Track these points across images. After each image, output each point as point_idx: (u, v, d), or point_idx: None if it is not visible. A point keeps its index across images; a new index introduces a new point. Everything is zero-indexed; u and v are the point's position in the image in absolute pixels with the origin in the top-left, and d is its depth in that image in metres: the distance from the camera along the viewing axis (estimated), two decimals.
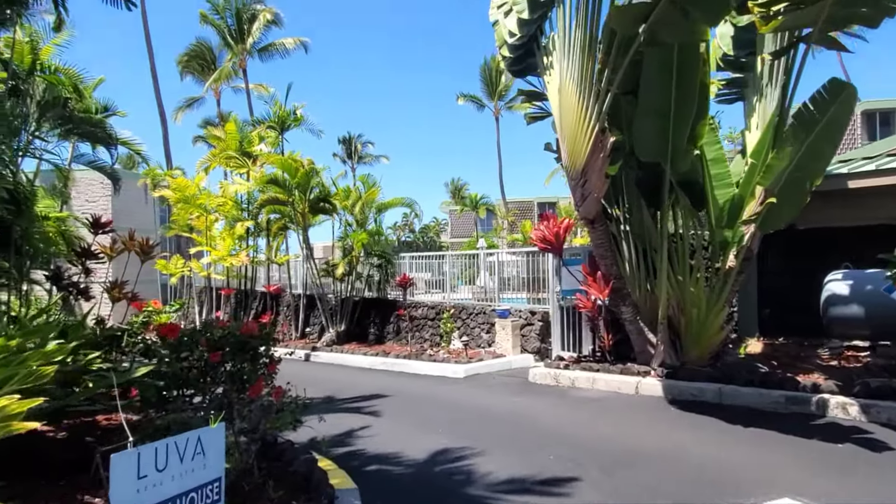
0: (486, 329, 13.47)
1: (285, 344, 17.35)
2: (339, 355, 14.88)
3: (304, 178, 15.59)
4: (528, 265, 13.40)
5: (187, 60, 37.63)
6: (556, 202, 42.68)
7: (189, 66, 37.67)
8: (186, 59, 37.61)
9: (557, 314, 12.28)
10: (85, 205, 29.36)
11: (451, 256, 15.23)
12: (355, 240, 15.90)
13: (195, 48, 37.20)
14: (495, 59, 37.54)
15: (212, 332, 5.77)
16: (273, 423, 4.58)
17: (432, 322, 14.91)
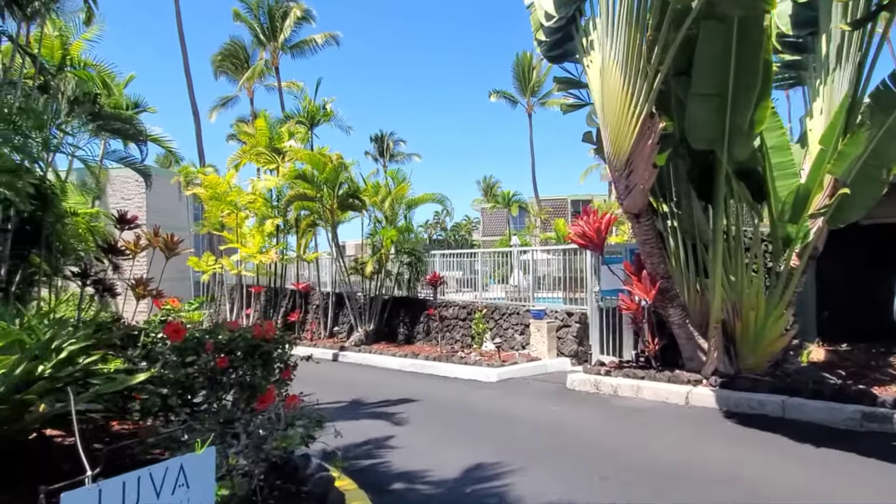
0: (520, 330, 12.73)
1: (314, 343, 16.88)
2: (367, 355, 14.30)
3: (333, 173, 15.05)
4: (565, 264, 12.62)
5: (221, 60, 37.63)
6: (591, 200, 41.60)
7: (223, 66, 37.66)
8: (220, 59, 37.61)
9: (596, 316, 11.50)
10: (120, 202, 29.42)
11: (483, 254, 14.53)
12: (384, 237, 15.30)
13: (229, 47, 37.16)
14: (528, 55, 36.71)
15: (219, 335, 5.20)
16: (280, 442, 3.93)
17: (463, 322, 14.23)
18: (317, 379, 12.63)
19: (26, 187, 8.48)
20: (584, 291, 12.05)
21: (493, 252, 14.53)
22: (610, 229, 9.11)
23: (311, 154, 14.97)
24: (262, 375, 5.13)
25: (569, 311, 11.89)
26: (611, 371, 9.11)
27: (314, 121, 17.79)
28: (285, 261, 20.88)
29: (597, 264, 11.60)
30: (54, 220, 12.39)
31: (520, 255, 15.03)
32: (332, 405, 9.33)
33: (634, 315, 9.12)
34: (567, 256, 12.40)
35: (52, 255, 13.59)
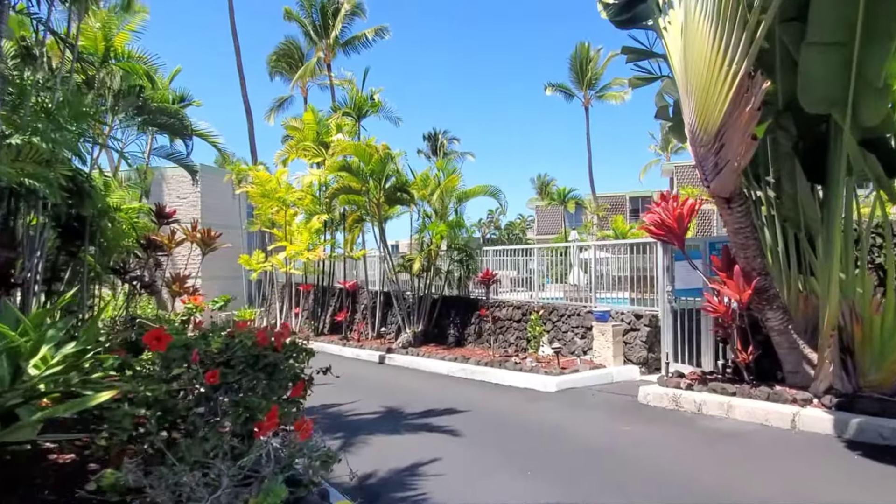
0: (581, 333, 11.34)
1: (360, 344, 15.89)
2: (414, 358, 13.17)
3: (379, 164, 13.99)
4: (631, 260, 11.16)
5: (276, 60, 37.33)
6: (651, 196, 39.50)
7: (278, 66, 37.36)
8: (275, 59, 37.32)
9: (669, 318, 10.01)
10: (175, 201, 29.32)
11: (540, 251, 13.17)
12: (433, 232, 14.14)
13: (283, 47, 36.82)
14: (586, 46, 34.98)
15: (210, 342, 4.10)
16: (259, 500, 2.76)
17: (518, 324, 12.92)
18: (361, 384, 11.61)
19: (58, 178, 7.71)
20: (654, 291, 10.57)
21: (550, 248, 13.16)
22: (693, 218, 7.62)
23: (356, 145, 13.95)
24: (264, 393, 4.01)
25: (636, 313, 10.43)
26: (693, 384, 7.65)
27: (361, 112, 16.81)
28: (333, 258, 20.02)
29: (669, 261, 10.12)
30: (97, 214, 11.73)
31: (579, 252, 13.62)
32: (372, 415, 8.21)
33: (722, 318, 7.62)
34: (634, 253, 10.94)
35: (99, 252, 13.01)
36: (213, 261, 30.14)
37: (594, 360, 10.52)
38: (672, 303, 10.00)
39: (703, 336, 9.38)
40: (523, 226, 49.87)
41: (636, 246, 10.91)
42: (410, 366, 13.11)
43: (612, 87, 35.01)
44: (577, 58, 34.44)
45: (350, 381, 11.80)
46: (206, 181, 28.81)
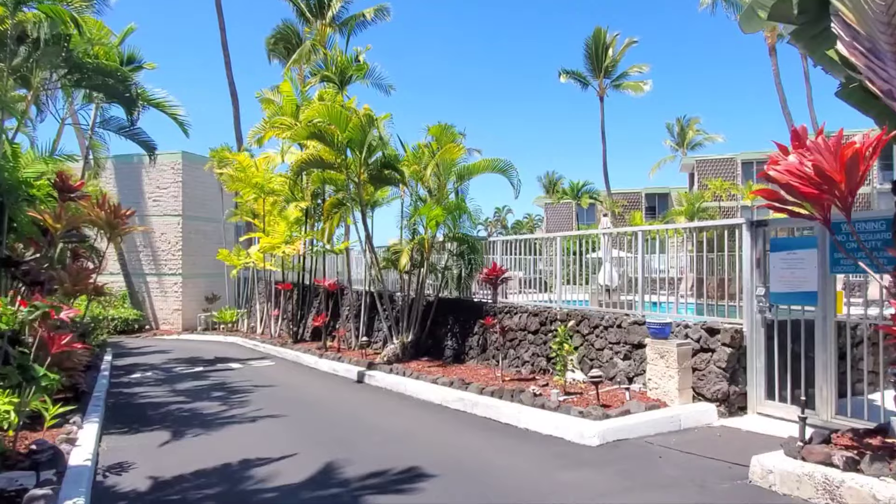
0: (624, 353, 7.98)
1: (339, 355, 12.59)
2: (400, 379, 9.87)
3: (358, 131, 10.70)
4: (696, 254, 7.79)
5: (274, 43, 34.12)
6: (668, 193, 36.05)
7: (276, 49, 34.15)
8: (273, 42, 34.11)
9: (760, 335, 6.67)
10: (156, 192, 26.15)
11: (563, 240, 9.82)
12: (427, 217, 10.82)
13: (282, 30, 33.61)
14: (603, 30, 31.54)
15: None
16: None
17: (534, 336, 9.59)
18: (319, 419, 8.28)
19: None
20: (736, 297, 7.22)
21: (577, 236, 9.82)
22: (874, 161, 4.17)
23: (328, 106, 10.66)
24: None
25: (710, 327, 7.05)
26: (859, 458, 4.24)
27: (345, 77, 13.55)
28: (314, 253, 16.73)
29: (761, 250, 6.77)
30: None
31: (612, 243, 10.26)
32: (303, 494, 4.88)
33: None
34: (697, 239, 7.55)
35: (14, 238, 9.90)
36: (197, 257, 26.98)
37: (648, 392, 7.16)
38: (765, 312, 6.65)
39: (822, 363, 6.03)
40: (531, 225, 46.47)
41: (706, 231, 7.55)
42: (394, 388, 9.82)
43: (629, 75, 31.58)
44: (593, 43, 31.01)
45: (307, 412, 8.51)
46: (189, 170, 25.62)
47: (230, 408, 8.87)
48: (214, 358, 15.39)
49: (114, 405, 9.47)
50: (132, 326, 24.11)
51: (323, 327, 14.19)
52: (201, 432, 7.39)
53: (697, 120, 41.87)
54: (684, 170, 35.46)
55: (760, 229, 6.80)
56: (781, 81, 22.69)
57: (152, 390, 10.71)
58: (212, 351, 17.06)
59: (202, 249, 25.93)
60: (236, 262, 20.80)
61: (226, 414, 8.50)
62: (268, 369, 13.11)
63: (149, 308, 25.71)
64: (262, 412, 8.48)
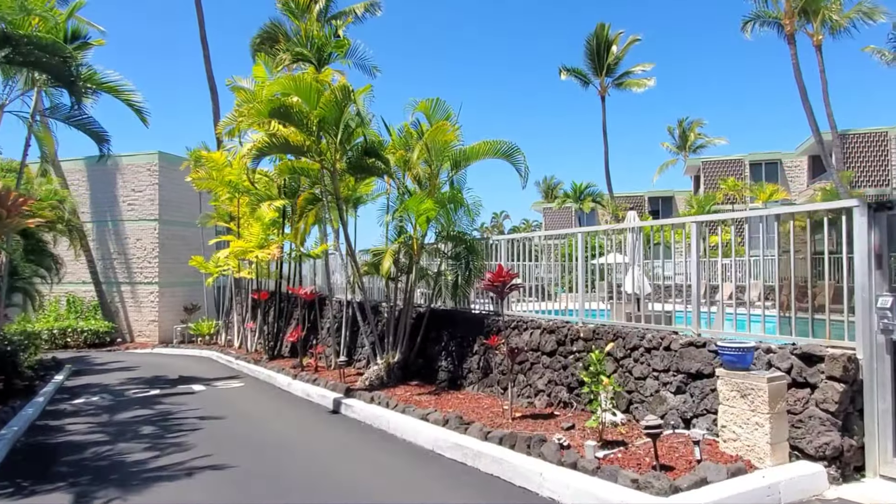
0: (676, 385, 5.85)
1: (316, 376, 10.46)
2: (382, 411, 7.73)
3: (332, 108, 8.59)
4: (777, 250, 5.69)
5: (259, 43, 32.01)
6: (672, 196, 34.04)
7: (262, 49, 32.09)
8: (259, 42, 32.03)
9: (886, 364, 4.57)
10: (131, 194, 23.99)
11: (585, 236, 7.68)
12: (415, 212, 8.69)
13: (268, 29, 31.50)
14: (605, 27, 29.55)
15: None
16: None
17: (550, 358, 7.45)
18: (275, 468, 6.09)
19: None
20: (831, 305, 5.13)
21: (605, 230, 7.70)
22: None
23: (296, 77, 8.56)
24: None
25: (806, 353, 4.92)
26: None
27: (322, 55, 11.46)
28: (292, 259, 14.58)
29: (880, 240, 4.69)
30: None
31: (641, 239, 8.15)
32: None
33: None
34: (791, 228, 5.45)
35: None
36: (175, 264, 24.64)
37: (722, 445, 5.00)
38: (893, 332, 4.55)
39: None
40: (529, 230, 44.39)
41: (796, 217, 5.44)
42: (375, 423, 7.69)
43: (632, 73, 29.57)
44: (594, 40, 29.01)
45: (261, 463, 6.23)
46: (166, 172, 23.47)
47: (167, 453, 6.78)
48: (179, 377, 13.28)
49: (21, 449, 7.34)
50: (103, 339, 21.86)
51: (299, 343, 12.01)
52: (115, 497, 5.28)
53: (700, 122, 39.96)
54: (689, 172, 33.48)
55: (882, 214, 4.71)
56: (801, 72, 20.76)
57: (84, 424, 8.58)
58: (180, 368, 14.92)
59: (181, 256, 23.59)
60: (212, 270, 18.61)
61: (157, 463, 6.38)
62: (233, 393, 10.99)
63: (122, 319, 23.45)
64: (206, 461, 6.38)
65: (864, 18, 21.08)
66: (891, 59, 32.54)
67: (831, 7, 20.46)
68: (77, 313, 23.41)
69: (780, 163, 28.19)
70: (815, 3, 20.50)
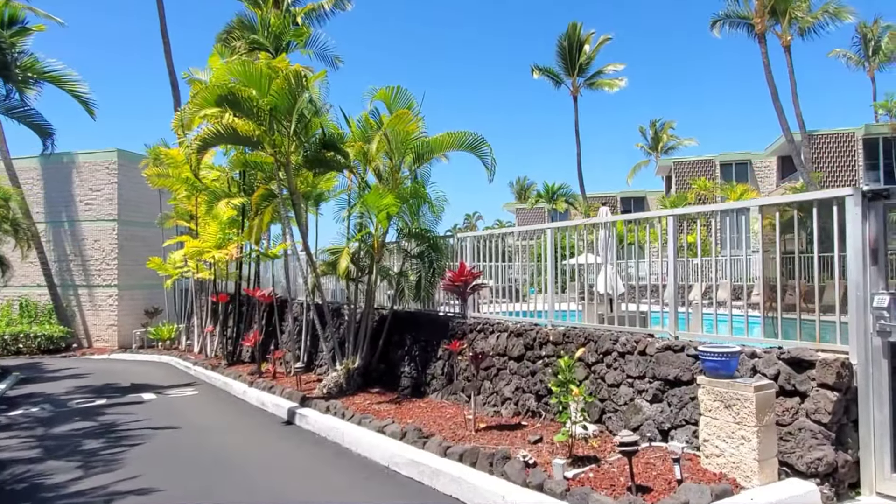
0: (652, 392, 5.32)
1: (272, 383, 9.76)
2: (337, 422, 7.09)
3: (285, 96, 7.91)
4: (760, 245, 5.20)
5: (225, 39, 31.09)
6: (645, 197, 33.88)
7: (228, 45, 31.09)
8: (225, 37, 31.08)
9: (882, 370, 4.08)
10: (89, 194, 22.86)
11: (554, 232, 7.14)
12: (375, 208, 8.05)
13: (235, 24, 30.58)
14: (578, 26, 29.22)
15: None
16: None
17: (518, 364, 6.88)
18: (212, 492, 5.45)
19: None
20: (834, 308, 4.65)
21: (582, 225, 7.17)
22: None
23: (244, 63, 7.87)
24: None
25: (795, 357, 4.41)
26: None
27: (281, 43, 10.76)
28: (252, 259, 13.82)
29: (877, 230, 4.22)
30: None
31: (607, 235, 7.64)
32: None
33: None
34: (777, 222, 4.93)
35: None
36: (135, 266, 23.49)
37: (704, 461, 4.47)
38: (890, 333, 4.07)
39: None
40: None
41: (780, 208, 4.93)
42: (330, 435, 7.04)
43: (605, 72, 29.29)
44: (566, 39, 28.64)
45: (197, 486, 5.67)
46: (126, 170, 22.38)
47: (94, 473, 6.06)
48: (131, 385, 12.46)
49: None
50: (58, 345, 20.69)
51: (256, 348, 11.27)
52: None
53: (672, 124, 40.00)
54: (661, 172, 33.36)
55: (878, 204, 4.22)
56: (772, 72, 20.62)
57: (14, 439, 7.78)
58: (135, 375, 14.07)
59: (141, 258, 22.44)
60: (171, 272, 17.72)
61: (79, 486, 5.65)
62: (185, 402, 10.23)
63: (80, 324, 22.30)
64: (133, 483, 5.68)
65: (831, 19, 21.04)
66: (856, 61, 32.94)
67: (800, 6, 20.35)
68: (31, 318, 22.23)
69: (750, 163, 28.16)
70: (785, 3, 20.39)
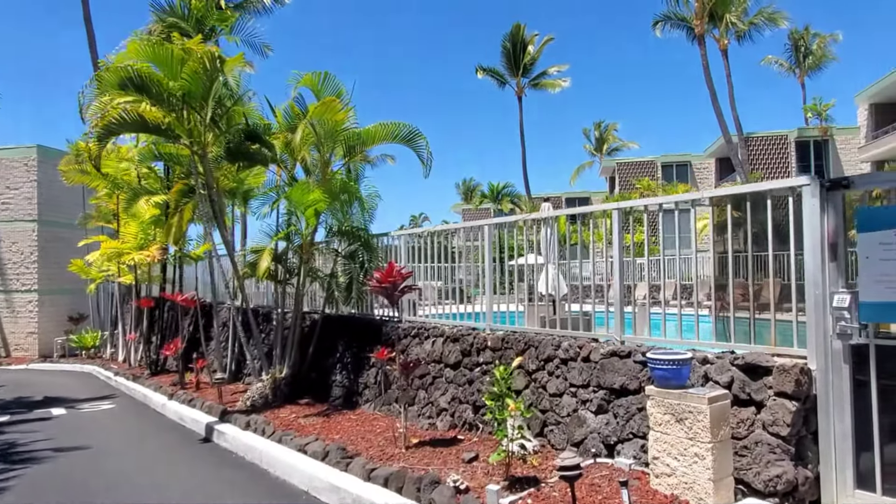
0: (597, 403, 4.82)
1: (193, 396, 8.88)
2: (256, 439, 6.34)
3: (199, 80, 7.09)
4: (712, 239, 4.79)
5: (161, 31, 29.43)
6: (589, 198, 34.04)
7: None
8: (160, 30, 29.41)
9: (844, 376, 3.67)
10: (5, 192, 21.07)
11: (492, 228, 6.59)
12: (301, 204, 7.31)
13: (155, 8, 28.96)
14: (521, 26, 29.03)
15: None
16: None
17: (454, 371, 6.30)
18: None
19: None
20: (806, 308, 4.25)
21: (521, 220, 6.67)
22: None
23: (153, 43, 7.01)
24: None
25: (750, 363, 3.98)
26: None
27: (203, 27, 9.87)
28: (175, 260, 12.79)
29: (839, 229, 3.82)
30: None
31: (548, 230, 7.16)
32: None
33: None
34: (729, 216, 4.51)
35: None
36: (57, 270, 21.77)
37: (653, 481, 3.98)
38: (850, 336, 3.68)
39: None
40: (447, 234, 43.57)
41: (724, 201, 4.51)
42: (248, 455, 6.28)
43: (549, 73, 29.23)
44: (510, 39, 28.40)
45: None
46: (46, 168, 20.70)
47: None
48: (43, 399, 11.34)
49: None
50: None
51: (177, 356, 10.32)
52: None
53: (616, 126, 40.49)
54: (604, 173, 33.62)
55: (838, 193, 3.83)
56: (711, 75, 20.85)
57: None
58: (50, 387, 12.90)
59: (64, 261, 20.80)
60: (95, 275, 16.42)
61: None
62: (97, 418, 9.26)
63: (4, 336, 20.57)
64: None
65: (767, 24, 21.46)
66: (787, 68, 34.07)
67: (737, 11, 20.66)
68: None
69: (690, 164, 28.63)
70: (723, 7, 20.66)
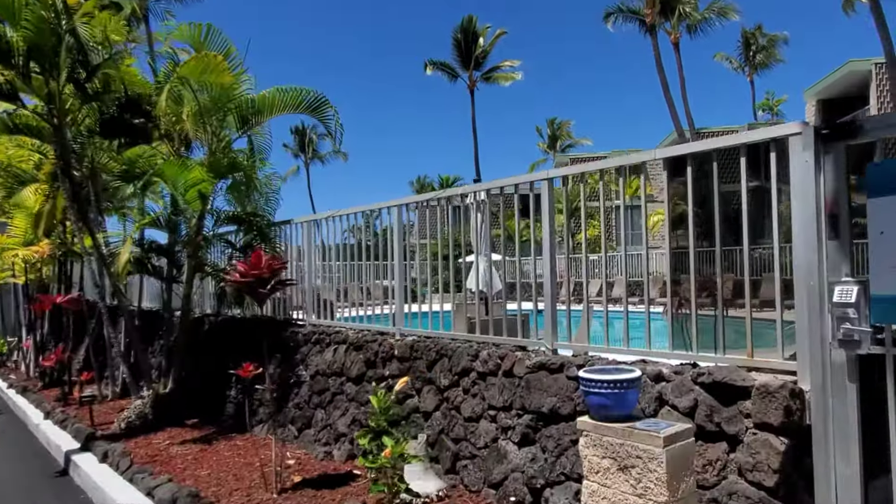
0: (521, 431, 3.62)
1: (67, 415, 7.36)
2: (108, 478, 4.93)
3: (46, 30, 5.61)
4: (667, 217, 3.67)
5: None
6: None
7: None
8: None
9: (848, 398, 2.48)
10: None
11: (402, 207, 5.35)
12: (180, 184, 5.89)
13: None
14: (473, 18, 27.92)
15: None
16: None
17: (356, 387, 5.02)
18: None
19: None
20: (773, 303, 3.11)
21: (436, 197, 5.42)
22: None
23: None
24: None
25: (721, 381, 2.84)
26: None
27: None
28: (71, 256, 11.11)
29: (839, 193, 2.64)
30: None
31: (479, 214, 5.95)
32: None
33: None
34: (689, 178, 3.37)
35: None
36: None
37: None
38: (858, 343, 2.51)
39: None
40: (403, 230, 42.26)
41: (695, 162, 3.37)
42: (96, 497, 4.88)
43: (501, 67, 28.21)
44: (460, 32, 27.30)
45: None
46: None
47: None
48: None
49: None
50: None
51: (57, 367, 8.73)
52: None
53: (569, 123, 39.88)
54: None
55: (839, 147, 2.69)
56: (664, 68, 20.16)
57: None
58: None
59: None
60: None
61: None
62: None
63: None
64: None
65: (718, 17, 20.93)
66: (737, 66, 34.02)
67: (689, 2, 20.04)
68: None
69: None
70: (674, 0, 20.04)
